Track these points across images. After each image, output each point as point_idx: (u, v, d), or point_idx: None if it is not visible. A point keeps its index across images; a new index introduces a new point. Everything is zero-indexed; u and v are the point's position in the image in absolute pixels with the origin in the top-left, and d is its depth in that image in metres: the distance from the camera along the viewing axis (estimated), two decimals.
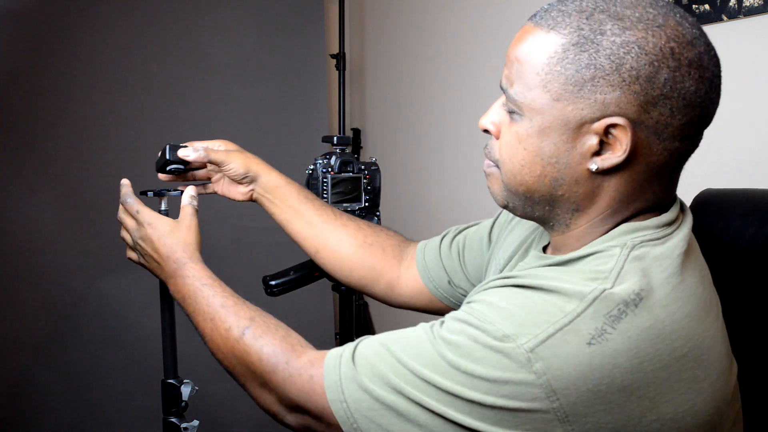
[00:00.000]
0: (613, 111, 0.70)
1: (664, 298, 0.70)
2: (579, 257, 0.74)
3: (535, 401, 0.66)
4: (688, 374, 0.69)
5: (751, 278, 0.98)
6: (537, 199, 0.77)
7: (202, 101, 2.19)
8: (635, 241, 0.73)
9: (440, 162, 2.43)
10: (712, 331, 0.73)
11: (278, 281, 1.31)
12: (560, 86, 0.72)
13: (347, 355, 0.77)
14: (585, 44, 0.70)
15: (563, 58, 0.71)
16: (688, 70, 0.70)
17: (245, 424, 2.19)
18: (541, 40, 0.73)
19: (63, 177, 1.93)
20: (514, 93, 0.75)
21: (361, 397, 0.73)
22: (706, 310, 0.73)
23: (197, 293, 0.94)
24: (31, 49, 1.86)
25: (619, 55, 0.69)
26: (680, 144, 0.73)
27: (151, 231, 1.02)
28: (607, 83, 0.70)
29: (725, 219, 1.02)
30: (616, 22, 0.70)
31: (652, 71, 0.69)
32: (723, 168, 1.51)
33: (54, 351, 1.91)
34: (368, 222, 1.19)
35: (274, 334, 0.85)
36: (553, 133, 0.73)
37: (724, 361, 0.74)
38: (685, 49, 0.70)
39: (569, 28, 0.71)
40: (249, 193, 1.15)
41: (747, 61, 1.47)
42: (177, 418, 1.13)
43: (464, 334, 0.70)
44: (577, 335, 0.66)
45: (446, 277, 1.09)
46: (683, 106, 0.70)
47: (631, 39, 0.69)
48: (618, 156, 0.72)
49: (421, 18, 2.47)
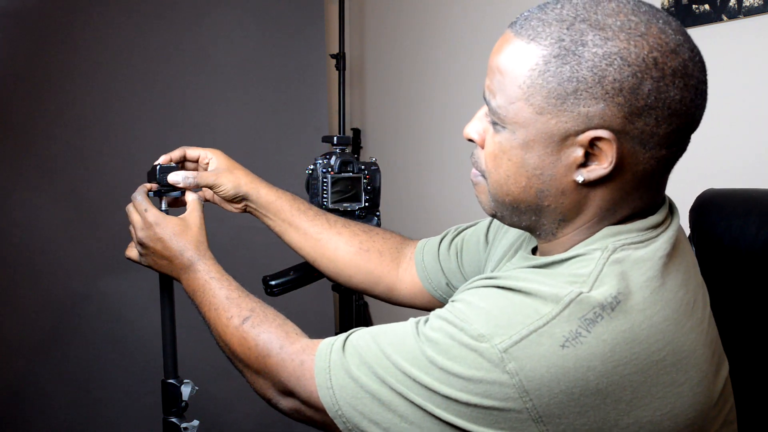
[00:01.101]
0: (598, 123, 0.69)
1: (642, 301, 0.69)
2: (561, 260, 0.75)
3: (508, 401, 0.67)
4: (666, 378, 0.69)
5: (751, 278, 0.98)
6: (523, 209, 0.78)
7: (203, 101, 2.19)
8: (617, 244, 0.73)
9: (440, 162, 2.43)
10: (694, 335, 0.72)
11: (278, 281, 1.31)
12: (543, 99, 0.71)
13: (338, 343, 0.79)
14: (566, 56, 0.69)
15: (545, 70, 0.70)
16: (672, 80, 0.69)
17: (245, 425, 2.19)
18: (521, 52, 0.72)
19: (63, 177, 1.93)
20: (496, 105, 0.74)
21: (347, 384, 0.76)
22: (688, 313, 0.72)
23: (206, 286, 0.99)
24: (31, 49, 1.85)
25: (602, 67, 0.68)
26: (667, 151, 0.72)
27: (160, 231, 1.04)
28: (590, 96, 0.69)
29: (726, 219, 1.02)
30: (597, 32, 0.69)
31: (635, 82, 0.68)
32: (724, 168, 1.51)
33: (54, 351, 1.91)
34: (364, 226, 1.20)
35: (271, 323, 0.89)
36: (537, 146, 0.73)
37: (707, 365, 0.73)
38: (669, 58, 0.69)
39: (550, 39, 0.70)
40: (242, 209, 1.18)
41: (747, 61, 1.47)
42: (177, 418, 1.13)
43: (443, 331, 0.71)
44: (551, 337, 0.67)
45: (444, 279, 1.10)
46: (668, 115, 0.70)
47: (614, 50, 0.68)
48: (604, 168, 0.71)
49: (421, 18, 2.47)
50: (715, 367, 0.75)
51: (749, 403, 0.86)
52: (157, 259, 1.05)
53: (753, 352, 0.96)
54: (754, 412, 0.91)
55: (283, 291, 1.31)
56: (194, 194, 1.10)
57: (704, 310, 0.77)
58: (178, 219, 1.05)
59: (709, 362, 0.73)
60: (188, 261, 1.02)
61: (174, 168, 1.11)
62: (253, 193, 1.15)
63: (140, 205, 1.06)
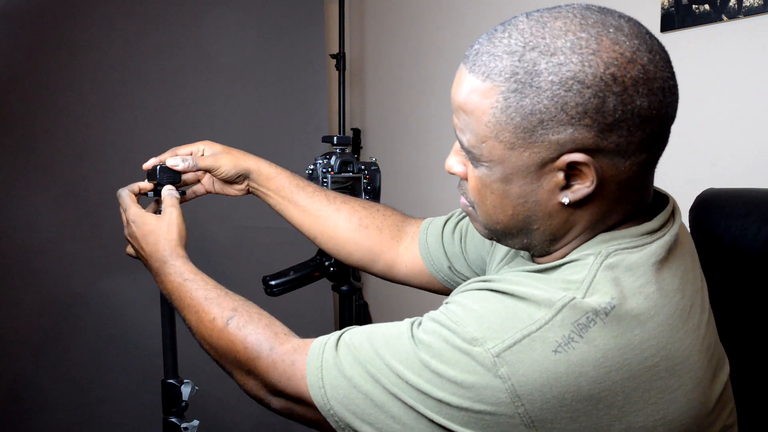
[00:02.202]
0: (570, 148, 0.69)
1: (636, 307, 0.69)
2: (556, 266, 0.75)
3: (500, 405, 0.67)
4: (659, 384, 0.68)
5: (751, 278, 0.98)
6: (515, 233, 0.78)
7: (203, 101, 2.19)
8: (610, 250, 0.73)
9: (440, 162, 2.42)
10: (689, 340, 0.72)
11: (278, 281, 1.31)
12: (511, 135, 0.70)
13: (332, 342, 0.79)
14: (524, 89, 0.68)
15: (506, 107, 0.69)
16: (635, 89, 0.67)
17: (245, 425, 2.19)
18: (479, 90, 0.71)
19: (63, 177, 1.93)
20: (468, 145, 0.74)
21: (339, 383, 0.75)
22: (683, 319, 0.72)
23: (180, 288, 0.96)
24: (31, 49, 1.85)
25: (561, 94, 0.67)
26: (647, 154, 0.71)
27: (135, 228, 1.04)
28: (556, 123, 0.68)
29: (726, 219, 1.02)
30: (549, 58, 0.67)
31: (598, 102, 0.67)
32: (723, 168, 1.51)
33: (54, 351, 1.91)
34: (364, 202, 1.19)
35: (257, 323, 0.87)
36: (516, 178, 0.72)
37: (702, 371, 0.72)
38: (627, 69, 0.67)
39: (503, 74, 0.69)
40: (245, 189, 1.17)
41: (747, 61, 1.47)
42: (177, 418, 1.13)
43: (437, 334, 0.71)
44: (544, 342, 0.67)
45: (447, 262, 1.10)
46: (640, 123, 0.68)
47: (569, 75, 0.66)
48: (587, 187, 0.71)
49: (422, 18, 2.47)
50: (712, 373, 0.74)
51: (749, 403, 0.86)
52: (141, 257, 1.06)
53: (753, 353, 0.96)
54: (754, 413, 0.91)
55: (283, 291, 1.31)
56: (166, 192, 1.08)
57: (701, 315, 0.76)
58: (153, 217, 1.04)
59: (705, 368, 0.73)
60: (159, 261, 1.00)
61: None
62: (253, 169, 1.15)
63: (123, 202, 1.07)
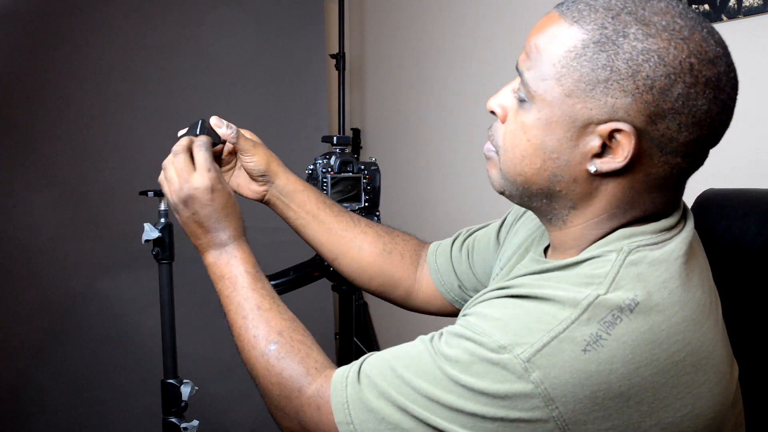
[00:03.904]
0: (621, 116, 0.69)
1: (661, 302, 0.69)
2: (575, 263, 0.74)
3: (535, 411, 0.66)
4: (686, 379, 0.69)
5: (752, 278, 0.98)
6: (534, 191, 0.77)
7: (203, 101, 2.19)
8: (632, 246, 0.73)
9: (440, 162, 2.43)
10: (711, 335, 0.72)
11: (278, 281, 1.31)
12: (573, 82, 0.71)
13: (353, 375, 0.77)
14: (606, 44, 0.69)
15: (581, 54, 0.70)
16: (703, 89, 0.69)
17: (245, 425, 2.19)
18: (562, 32, 0.72)
19: (63, 177, 1.93)
20: (528, 78, 0.74)
21: (367, 417, 0.74)
22: (705, 314, 0.72)
23: (236, 281, 0.92)
24: (31, 49, 1.86)
25: (638, 61, 0.68)
26: (682, 160, 0.72)
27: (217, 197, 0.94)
28: (620, 88, 0.69)
29: (726, 219, 1.02)
30: (641, 26, 0.68)
31: (667, 83, 0.68)
32: (724, 168, 1.51)
33: (54, 351, 1.91)
34: (385, 227, 1.16)
35: (295, 355, 0.85)
36: (559, 129, 0.73)
37: (723, 365, 0.73)
38: (705, 67, 0.69)
39: (593, 24, 0.70)
40: (262, 193, 1.09)
41: (747, 61, 1.47)
42: (177, 418, 1.13)
43: (461, 348, 0.70)
44: (573, 342, 0.66)
45: (457, 281, 1.09)
46: (692, 124, 0.69)
47: (653, 47, 0.68)
48: (618, 162, 0.71)
49: (421, 18, 2.47)
50: (730, 367, 0.75)
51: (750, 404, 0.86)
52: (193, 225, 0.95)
53: (754, 353, 0.96)
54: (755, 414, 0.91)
55: (283, 291, 1.31)
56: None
57: (718, 310, 0.77)
58: (224, 188, 0.95)
59: (727, 362, 0.74)
60: (224, 241, 0.94)
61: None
62: (282, 176, 1.08)
63: (204, 162, 0.94)
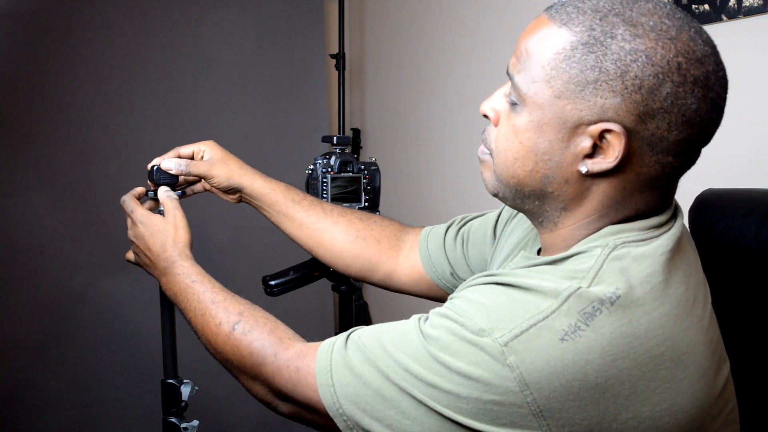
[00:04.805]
0: (611, 117, 0.71)
1: (642, 297, 0.70)
2: (562, 258, 0.75)
3: (509, 395, 0.67)
4: (665, 374, 0.69)
5: (751, 278, 0.98)
6: (527, 193, 0.79)
7: (202, 101, 2.19)
8: (617, 242, 0.74)
9: (440, 162, 2.43)
10: (693, 331, 0.72)
11: (278, 281, 1.31)
12: (563, 84, 0.72)
13: (340, 342, 0.79)
14: (594, 45, 0.70)
15: (570, 56, 0.72)
16: (692, 88, 0.70)
17: (245, 424, 2.19)
18: (551, 34, 0.73)
19: (63, 177, 1.93)
20: (518, 81, 0.75)
21: (349, 381, 0.76)
22: (687, 310, 0.73)
23: (188, 290, 0.97)
24: (31, 49, 1.85)
25: (626, 61, 0.69)
26: (673, 159, 0.73)
27: (143, 229, 1.05)
28: (609, 88, 0.70)
29: (726, 219, 1.02)
30: (628, 27, 0.70)
31: (655, 83, 0.69)
32: (723, 168, 1.51)
33: (54, 351, 1.91)
34: (361, 213, 1.20)
35: (262, 328, 0.88)
36: (550, 130, 0.74)
37: (707, 362, 0.73)
38: (693, 66, 0.70)
39: (581, 26, 0.71)
40: (238, 199, 1.18)
41: (747, 61, 1.47)
42: (177, 418, 1.13)
43: (444, 328, 0.72)
44: (551, 331, 0.67)
45: (449, 268, 1.10)
46: (681, 123, 0.70)
47: (641, 47, 0.69)
48: (609, 162, 0.72)
49: (421, 18, 2.47)
50: (716, 366, 0.75)
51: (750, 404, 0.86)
52: (144, 258, 1.07)
53: (753, 353, 0.96)
54: (754, 413, 0.91)
55: (283, 291, 1.31)
56: (164, 195, 1.10)
57: (705, 308, 0.77)
58: (159, 218, 1.06)
59: (710, 360, 0.74)
60: (166, 261, 1.01)
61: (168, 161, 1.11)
62: (246, 185, 1.15)
63: (128, 206, 1.09)
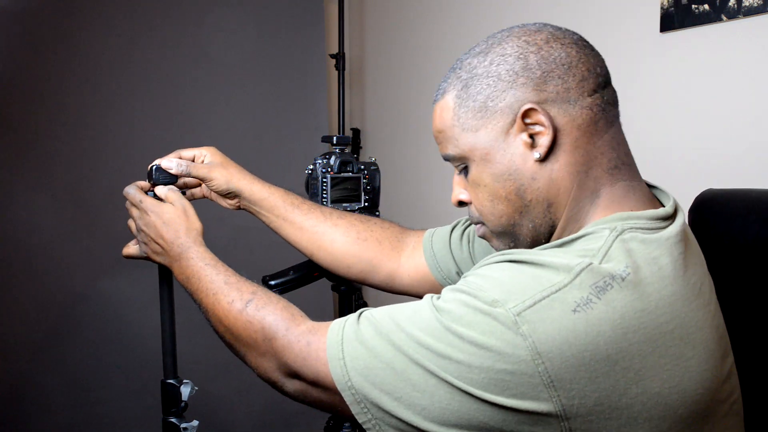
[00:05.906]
0: (519, 106, 0.80)
1: (650, 276, 0.72)
2: (572, 240, 0.78)
3: (521, 363, 0.68)
4: (674, 351, 0.70)
5: (752, 278, 0.98)
6: (518, 220, 0.83)
7: (202, 101, 2.19)
8: (625, 227, 0.76)
9: (440, 162, 2.42)
10: (701, 313, 0.74)
11: (278, 281, 1.31)
12: (472, 119, 0.83)
13: (352, 318, 0.81)
14: (468, 82, 0.83)
15: (460, 103, 0.84)
16: (549, 45, 0.80)
17: (245, 424, 2.19)
18: (441, 106, 0.87)
19: (63, 177, 1.93)
20: (451, 153, 0.86)
21: (360, 354, 0.77)
22: (695, 293, 0.75)
23: (201, 272, 0.99)
24: (31, 49, 1.86)
25: (492, 70, 0.81)
26: (591, 99, 0.80)
27: (154, 218, 1.06)
28: (499, 92, 0.81)
29: (726, 219, 1.02)
30: (478, 57, 0.84)
31: (522, 63, 0.80)
32: (723, 168, 1.51)
33: (54, 351, 1.91)
34: (360, 216, 1.21)
35: (275, 305, 0.90)
36: (494, 154, 0.82)
37: (714, 344, 0.75)
38: (536, 36, 0.81)
39: (453, 83, 0.85)
40: (236, 205, 1.20)
41: (747, 61, 1.47)
42: (177, 418, 1.13)
43: (457, 300, 0.74)
44: (563, 303, 0.69)
45: (455, 267, 1.12)
46: (567, 70, 0.79)
47: (493, 56, 0.82)
48: (548, 133, 0.79)
49: (421, 18, 2.47)
50: (722, 352, 0.76)
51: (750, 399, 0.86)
52: (154, 247, 1.07)
53: (754, 353, 0.96)
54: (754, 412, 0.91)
55: (283, 291, 1.31)
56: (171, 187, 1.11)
57: (711, 297, 0.79)
58: (171, 207, 1.07)
59: (717, 343, 0.75)
60: (180, 248, 1.03)
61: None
62: (245, 190, 1.16)
63: (135, 196, 1.09)
